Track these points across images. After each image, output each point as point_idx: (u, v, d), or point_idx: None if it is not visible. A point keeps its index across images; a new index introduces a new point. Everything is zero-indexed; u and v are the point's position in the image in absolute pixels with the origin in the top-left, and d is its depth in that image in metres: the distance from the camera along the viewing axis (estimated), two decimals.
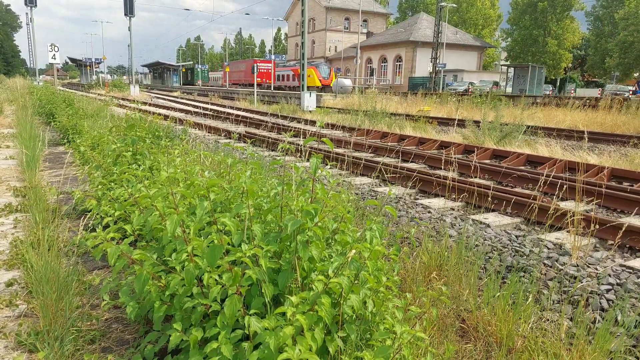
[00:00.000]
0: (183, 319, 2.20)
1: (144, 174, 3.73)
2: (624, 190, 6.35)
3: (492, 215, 5.44)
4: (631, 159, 9.27)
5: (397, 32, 60.90)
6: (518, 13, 60.18)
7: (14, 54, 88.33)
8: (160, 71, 78.50)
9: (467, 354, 2.72)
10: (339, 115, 19.04)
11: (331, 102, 27.56)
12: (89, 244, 2.37)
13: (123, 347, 2.61)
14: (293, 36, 77.45)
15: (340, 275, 2.01)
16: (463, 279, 3.41)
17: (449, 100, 24.00)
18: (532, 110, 18.80)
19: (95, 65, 70.73)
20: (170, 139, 7.05)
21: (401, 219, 5.20)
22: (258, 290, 2.15)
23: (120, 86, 45.92)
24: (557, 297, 3.41)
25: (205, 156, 5.00)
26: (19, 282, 3.29)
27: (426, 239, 3.94)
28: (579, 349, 2.59)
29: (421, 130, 14.13)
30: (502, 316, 2.85)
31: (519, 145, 11.02)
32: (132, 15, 35.59)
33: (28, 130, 8.94)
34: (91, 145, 6.10)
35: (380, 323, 2.23)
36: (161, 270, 2.33)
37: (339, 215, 2.40)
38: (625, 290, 3.40)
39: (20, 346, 2.55)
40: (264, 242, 2.18)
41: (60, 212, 4.76)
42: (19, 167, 7.33)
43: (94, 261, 3.78)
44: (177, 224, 2.15)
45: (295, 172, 2.65)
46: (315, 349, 1.80)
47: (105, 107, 13.49)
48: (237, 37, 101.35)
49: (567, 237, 4.54)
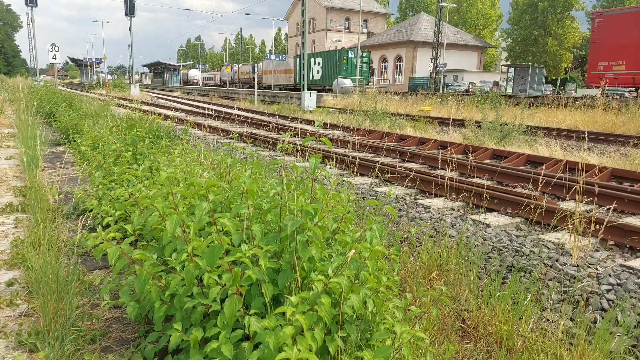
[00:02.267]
0: (183, 319, 2.20)
1: (144, 174, 3.73)
2: (624, 190, 6.35)
3: (492, 215, 5.44)
4: (631, 159, 9.27)
5: (398, 32, 60.89)
6: (518, 13, 60.14)
7: (15, 54, 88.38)
8: (160, 71, 78.52)
9: (467, 354, 2.72)
10: (339, 116, 19.04)
11: (331, 102, 27.55)
12: (89, 243, 2.37)
13: (123, 346, 2.61)
14: (293, 36, 77.44)
15: (340, 275, 2.01)
16: (463, 279, 3.41)
17: (449, 100, 23.99)
18: (532, 111, 18.80)
19: (95, 65, 70.66)
20: (171, 139, 7.06)
21: (401, 219, 5.20)
22: (258, 290, 2.15)
23: (121, 86, 45.99)
24: (558, 297, 3.41)
25: (205, 156, 5.00)
26: (19, 282, 3.29)
27: (426, 239, 3.94)
28: (579, 349, 2.59)
29: (421, 130, 14.14)
30: (502, 316, 2.85)
31: (519, 145, 11.02)
32: (133, 15, 35.61)
33: (29, 130, 8.94)
34: (92, 145, 6.11)
35: (381, 323, 2.23)
36: (161, 270, 2.33)
37: (339, 215, 2.40)
38: (626, 290, 3.40)
39: (21, 346, 2.55)
40: (263, 242, 2.18)
41: (61, 212, 4.77)
42: (19, 166, 7.34)
43: (95, 261, 3.78)
44: (177, 224, 2.15)
45: (295, 172, 2.65)
46: (315, 348, 1.80)
47: (106, 107, 13.49)
48: (238, 37, 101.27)
49: (568, 237, 4.54)
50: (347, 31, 69.58)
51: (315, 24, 70.76)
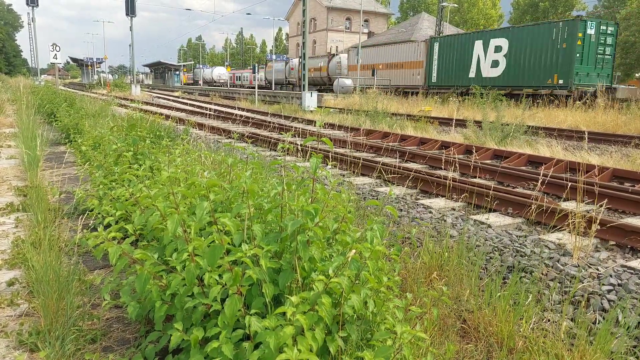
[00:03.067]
0: (184, 319, 2.20)
1: (144, 174, 3.73)
2: (625, 190, 6.34)
3: (493, 216, 5.43)
4: (633, 159, 9.25)
5: (399, 32, 60.79)
6: (519, 13, 60.12)
7: (16, 54, 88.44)
8: (161, 71, 78.63)
9: (468, 354, 2.72)
10: (340, 116, 19.03)
11: (332, 102, 27.55)
12: (90, 243, 2.37)
13: (124, 346, 2.61)
14: (294, 36, 77.43)
15: (340, 275, 2.01)
16: (464, 279, 3.40)
17: (450, 100, 23.98)
18: (533, 111, 18.78)
19: (96, 65, 70.75)
20: (172, 139, 7.06)
21: (402, 219, 5.20)
22: (259, 290, 2.15)
23: (122, 86, 46.01)
24: (559, 297, 3.40)
25: (206, 156, 5.00)
26: (20, 282, 3.29)
27: (427, 239, 3.94)
28: (580, 349, 2.58)
29: (422, 130, 14.13)
30: (503, 316, 2.85)
31: (520, 145, 11.01)
32: (134, 15, 35.64)
33: (29, 130, 8.95)
34: (92, 145, 6.11)
35: (381, 323, 2.23)
36: (162, 270, 2.33)
37: (339, 215, 2.40)
38: (627, 290, 3.40)
39: (22, 345, 2.55)
40: (264, 242, 2.18)
41: (62, 212, 4.77)
42: (20, 166, 7.34)
43: (95, 261, 3.78)
44: (177, 223, 2.15)
45: (295, 172, 2.65)
46: (316, 348, 1.80)
47: (107, 107, 13.50)
48: (239, 37, 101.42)
49: (569, 238, 4.53)
50: (348, 31, 69.57)
51: (316, 24, 70.74)
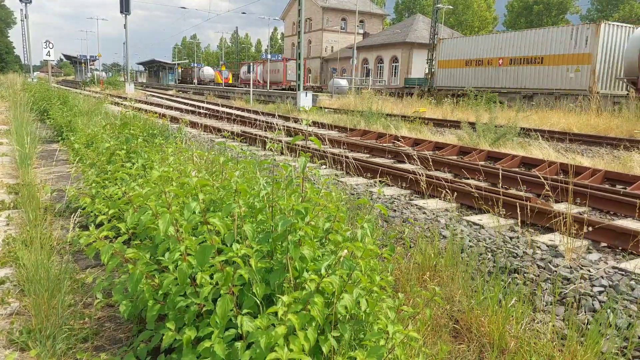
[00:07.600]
0: (176, 318, 2.19)
1: (137, 172, 3.71)
2: (616, 192, 6.39)
3: (486, 217, 5.46)
4: (624, 161, 9.33)
5: (394, 33, 60.96)
6: (514, 15, 60.52)
7: (8, 51, 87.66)
8: (155, 69, 78.34)
9: (460, 355, 2.73)
10: (335, 116, 19.04)
11: (327, 103, 27.57)
12: (82, 242, 2.36)
13: (116, 345, 2.60)
14: (289, 36, 77.37)
15: (332, 274, 2.01)
16: (456, 279, 3.42)
17: (444, 101, 24.07)
18: (527, 113, 18.89)
19: (90, 63, 70.32)
20: (165, 138, 7.03)
21: (395, 220, 5.21)
22: (251, 290, 2.15)
23: (115, 84, 45.65)
24: (550, 298, 3.42)
25: (199, 155, 4.99)
26: (11, 280, 3.27)
27: (420, 239, 3.95)
28: (571, 350, 2.60)
29: (417, 131, 14.16)
30: (495, 317, 2.86)
31: (513, 147, 11.07)
32: (128, 13, 35.50)
33: (22, 127, 8.88)
34: (85, 142, 6.07)
35: (374, 323, 2.23)
36: (154, 269, 2.32)
37: (331, 214, 2.40)
38: (618, 292, 3.43)
39: (12, 344, 2.53)
40: (255, 241, 2.18)
41: (54, 210, 4.74)
42: (12, 164, 7.29)
43: (87, 259, 3.76)
44: (169, 223, 2.15)
45: (285, 171, 2.65)
46: (308, 348, 1.80)
47: (100, 105, 13.42)
48: (234, 36, 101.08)
49: (561, 239, 4.56)
50: (344, 31, 69.65)
51: (312, 24, 70.72)
